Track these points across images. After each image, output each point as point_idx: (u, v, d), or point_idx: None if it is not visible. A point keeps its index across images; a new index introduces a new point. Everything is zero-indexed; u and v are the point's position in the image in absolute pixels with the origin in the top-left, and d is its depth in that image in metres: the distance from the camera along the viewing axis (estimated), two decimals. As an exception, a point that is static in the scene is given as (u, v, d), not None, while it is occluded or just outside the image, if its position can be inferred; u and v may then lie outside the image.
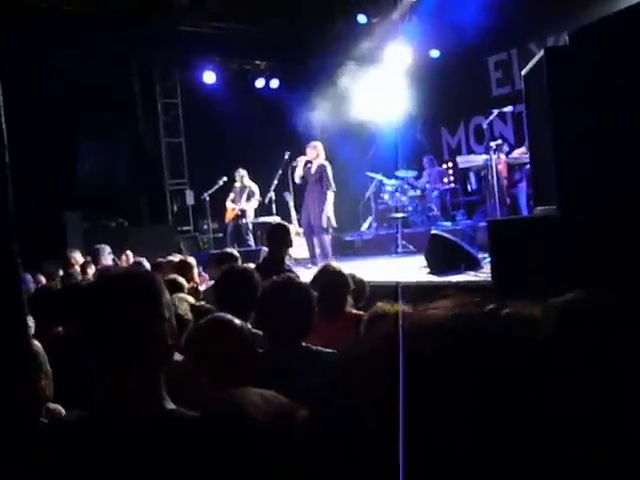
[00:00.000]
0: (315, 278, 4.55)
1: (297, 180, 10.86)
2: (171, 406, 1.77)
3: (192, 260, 7.03)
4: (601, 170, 4.06)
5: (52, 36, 11.84)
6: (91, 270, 8.58)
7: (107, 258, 8.97)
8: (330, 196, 10.52)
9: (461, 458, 0.57)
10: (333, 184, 10.53)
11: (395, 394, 0.61)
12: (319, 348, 3.12)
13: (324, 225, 10.37)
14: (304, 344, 3.10)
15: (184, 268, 6.44)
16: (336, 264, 5.01)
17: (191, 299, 4.30)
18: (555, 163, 4.35)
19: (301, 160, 10.82)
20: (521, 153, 10.66)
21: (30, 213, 11.63)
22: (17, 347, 1.90)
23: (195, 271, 6.83)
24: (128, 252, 9.57)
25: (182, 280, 5.18)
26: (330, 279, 4.44)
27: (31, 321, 3.78)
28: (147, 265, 7.82)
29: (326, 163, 10.62)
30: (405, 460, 0.60)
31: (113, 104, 13.47)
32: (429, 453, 0.59)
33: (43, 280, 8.26)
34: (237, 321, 2.88)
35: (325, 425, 0.69)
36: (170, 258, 7.71)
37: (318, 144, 10.81)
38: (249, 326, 2.99)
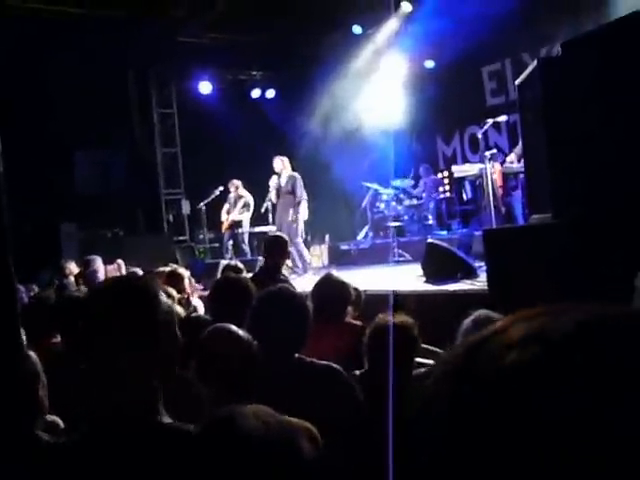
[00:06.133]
0: (316, 287, 4.55)
1: (274, 199, 11.14)
2: (167, 420, 1.73)
3: (183, 270, 7.00)
4: (595, 179, 4.07)
5: (48, 43, 11.86)
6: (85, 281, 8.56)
7: (99, 269, 8.94)
8: (303, 206, 10.87)
9: None
10: (305, 194, 10.92)
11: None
12: (313, 360, 3.10)
13: (299, 234, 10.63)
14: (297, 355, 3.08)
15: (175, 278, 6.39)
16: (337, 274, 5.01)
17: (180, 310, 4.29)
18: (549, 172, 4.37)
19: (273, 180, 11.15)
20: (511, 160, 10.70)
21: (26, 223, 11.62)
22: (14, 357, 1.90)
23: (186, 281, 6.80)
24: (119, 261, 9.56)
25: (172, 291, 5.15)
26: (332, 289, 4.45)
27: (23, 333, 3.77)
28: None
29: (296, 174, 11.00)
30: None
31: (109, 114, 13.49)
32: None
33: (35, 289, 8.26)
34: (240, 332, 2.88)
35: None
36: (161, 268, 7.68)
37: (284, 158, 11.19)
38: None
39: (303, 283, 7.27)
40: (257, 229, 12.57)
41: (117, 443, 1.65)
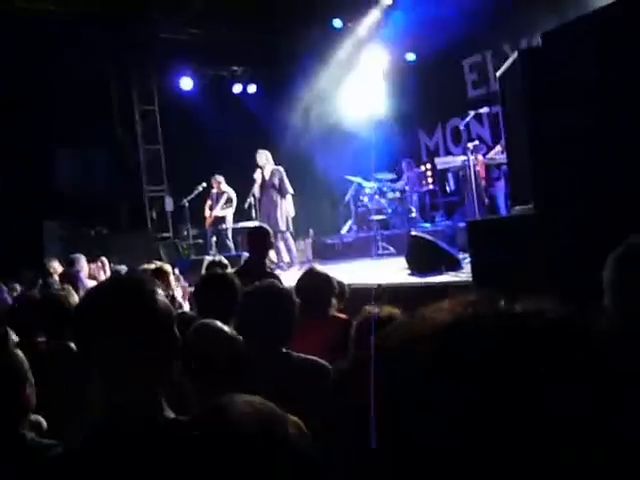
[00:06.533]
0: (300, 281, 4.56)
1: (257, 193, 11.03)
2: (171, 415, 1.74)
3: (168, 267, 6.97)
4: (577, 169, 4.10)
5: (28, 42, 11.76)
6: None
7: (83, 267, 8.88)
8: (289, 200, 10.89)
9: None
10: (290, 188, 10.88)
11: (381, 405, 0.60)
12: (300, 355, 3.11)
13: (286, 228, 10.61)
14: (284, 350, 3.09)
15: (160, 275, 6.37)
16: (320, 267, 5.03)
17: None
18: (531, 163, 4.40)
19: (257, 173, 11.06)
20: (496, 152, 10.74)
21: (8, 222, 11.55)
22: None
23: (172, 278, 6.78)
24: (103, 258, 9.51)
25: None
26: (315, 283, 4.46)
27: (12, 331, 3.76)
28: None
29: (280, 167, 10.96)
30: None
31: (91, 111, 13.41)
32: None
33: (18, 288, 8.21)
34: (226, 328, 2.88)
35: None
36: (145, 266, 7.64)
37: (266, 151, 11.15)
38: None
39: (290, 277, 7.27)
40: (241, 224, 12.54)
41: (126, 442, 1.66)
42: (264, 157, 10.99)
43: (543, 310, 0.61)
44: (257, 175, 11.03)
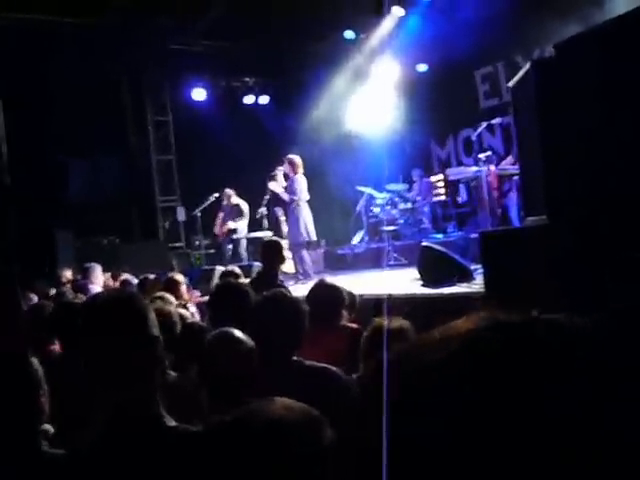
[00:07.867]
0: (310, 292, 4.59)
1: (279, 190, 10.91)
2: (172, 423, 1.77)
3: (180, 277, 6.99)
4: (590, 179, 4.09)
5: (42, 53, 11.87)
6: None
7: (98, 276, 8.91)
8: (303, 209, 10.58)
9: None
10: (301, 197, 10.55)
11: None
12: (311, 362, 3.12)
13: (300, 240, 10.45)
14: (295, 358, 3.10)
15: (171, 285, 6.40)
16: (330, 279, 5.05)
17: (187, 313, 4.32)
18: (543, 173, 4.39)
19: (279, 171, 10.87)
20: (507, 163, 10.71)
21: (21, 232, 11.60)
22: (17, 365, 1.91)
23: (183, 288, 6.80)
24: (123, 277, 9.54)
25: (170, 297, 5.16)
26: (325, 293, 4.49)
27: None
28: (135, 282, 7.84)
29: (298, 177, 10.61)
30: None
31: (104, 122, 13.50)
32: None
33: (34, 298, 8.23)
34: (244, 336, 2.90)
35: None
36: (152, 275, 7.65)
37: (294, 158, 10.80)
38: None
39: (305, 289, 7.27)
40: (253, 234, 12.55)
41: (128, 450, 1.68)
42: (288, 166, 10.81)
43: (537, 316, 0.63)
44: (278, 186, 10.84)
